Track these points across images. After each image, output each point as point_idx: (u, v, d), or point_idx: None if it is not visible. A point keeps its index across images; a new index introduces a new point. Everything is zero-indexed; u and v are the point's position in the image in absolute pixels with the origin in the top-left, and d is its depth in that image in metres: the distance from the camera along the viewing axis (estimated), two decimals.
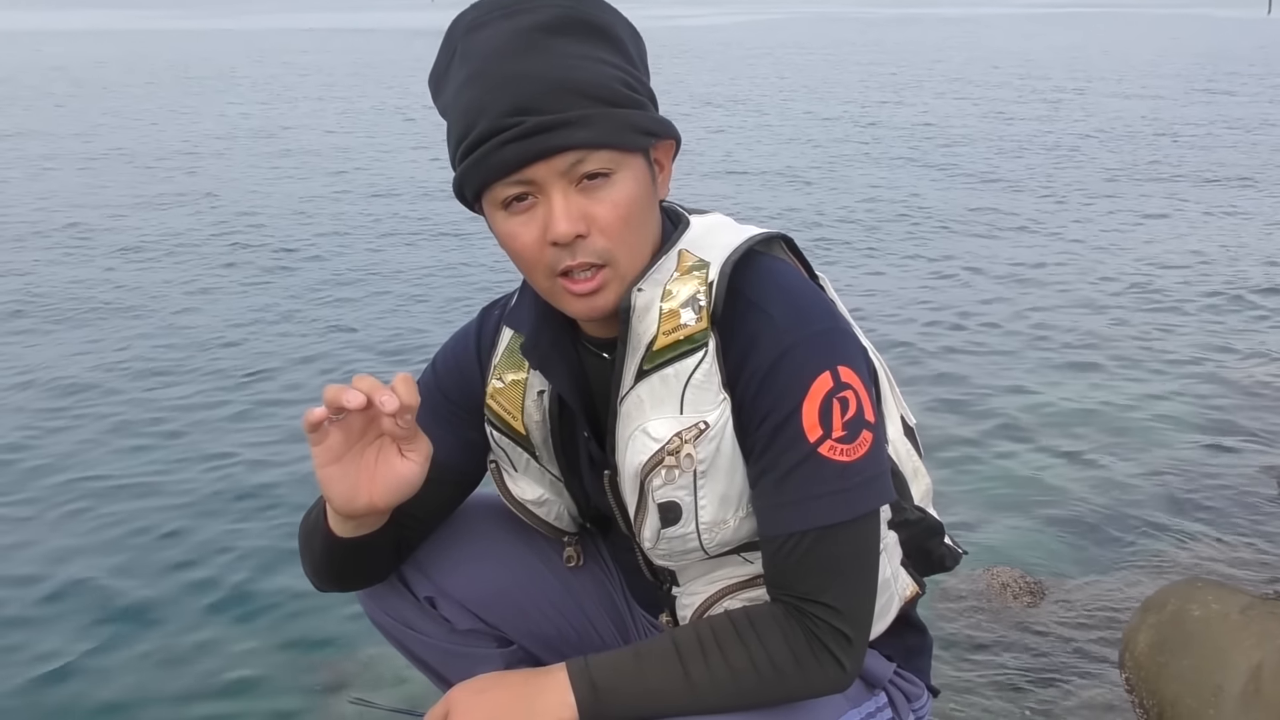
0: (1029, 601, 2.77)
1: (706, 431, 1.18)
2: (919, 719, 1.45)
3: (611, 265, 1.16)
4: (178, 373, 4.76)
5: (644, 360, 1.20)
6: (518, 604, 1.50)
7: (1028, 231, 7.48)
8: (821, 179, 9.61)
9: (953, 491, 3.48)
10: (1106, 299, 5.80)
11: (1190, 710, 2.20)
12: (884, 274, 6.43)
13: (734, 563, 1.30)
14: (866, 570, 1.23)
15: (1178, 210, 8.18)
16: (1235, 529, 3.25)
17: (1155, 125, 12.62)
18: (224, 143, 11.85)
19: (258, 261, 6.77)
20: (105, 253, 7.00)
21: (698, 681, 1.18)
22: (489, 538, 1.49)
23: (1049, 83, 17.63)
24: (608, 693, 1.18)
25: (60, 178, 9.74)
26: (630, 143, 1.14)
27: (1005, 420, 4.15)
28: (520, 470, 1.42)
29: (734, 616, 1.23)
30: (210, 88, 17.73)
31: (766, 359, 1.16)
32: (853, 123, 13.28)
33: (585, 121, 1.10)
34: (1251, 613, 2.29)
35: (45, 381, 4.64)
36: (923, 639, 1.49)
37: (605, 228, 1.14)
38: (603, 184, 1.13)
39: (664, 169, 1.22)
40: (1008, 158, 10.53)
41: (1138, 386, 4.52)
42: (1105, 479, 3.63)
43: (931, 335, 5.21)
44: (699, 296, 1.19)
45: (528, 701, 1.19)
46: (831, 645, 1.18)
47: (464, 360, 1.41)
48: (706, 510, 1.22)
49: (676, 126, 1.22)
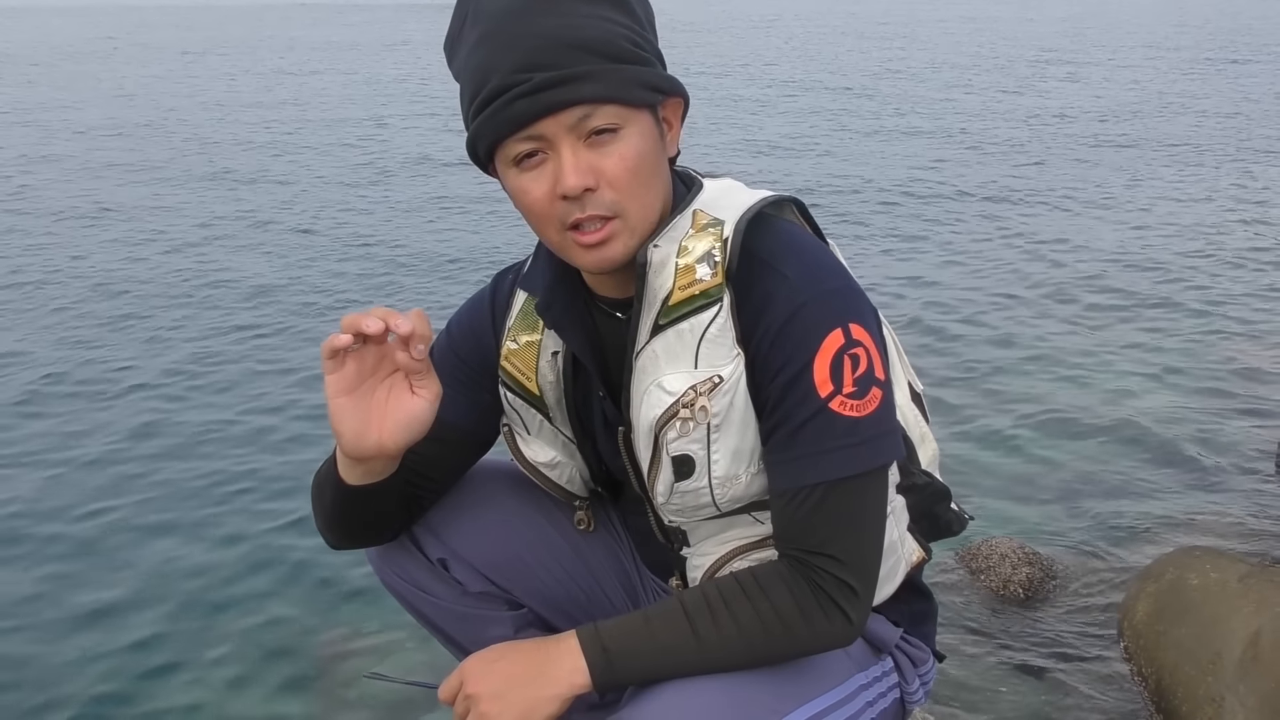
0: (1028, 572, 2.79)
1: (720, 385, 1.20)
2: (924, 684, 1.47)
3: (621, 217, 1.18)
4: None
5: (659, 315, 1.22)
6: (529, 567, 1.51)
7: (1027, 204, 7.49)
8: (817, 149, 9.60)
9: (950, 463, 3.49)
10: (1109, 272, 5.83)
11: (1189, 678, 2.22)
12: (881, 245, 6.44)
13: (745, 522, 1.32)
14: (874, 525, 1.24)
15: (1186, 182, 8.18)
16: (1234, 501, 3.27)
17: (1168, 98, 12.60)
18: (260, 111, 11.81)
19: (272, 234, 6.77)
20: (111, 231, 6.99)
21: (706, 639, 1.20)
22: (501, 501, 1.50)
23: (1055, 54, 17.57)
24: (619, 655, 1.20)
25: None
26: (637, 98, 1.15)
27: (1004, 392, 4.18)
28: (533, 433, 1.43)
29: (739, 575, 1.24)
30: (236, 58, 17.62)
31: (780, 316, 1.18)
32: (854, 95, 13.25)
33: (592, 76, 1.12)
34: (1249, 581, 2.30)
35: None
36: (928, 604, 1.51)
37: (613, 180, 1.16)
38: (610, 139, 1.15)
39: (673, 127, 1.24)
40: (1005, 130, 10.52)
41: (1139, 360, 4.54)
42: (1104, 451, 3.65)
43: (932, 305, 5.24)
44: (714, 252, 1.21)
45: (540, 668, 1.21)
46: (837, 597, 1.20)
47: (478, 323, 1.43)
48: (719, 464, 1.24)
49: (684, 85, 1.23)
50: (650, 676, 1.21)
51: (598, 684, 1.20)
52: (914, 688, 1.44)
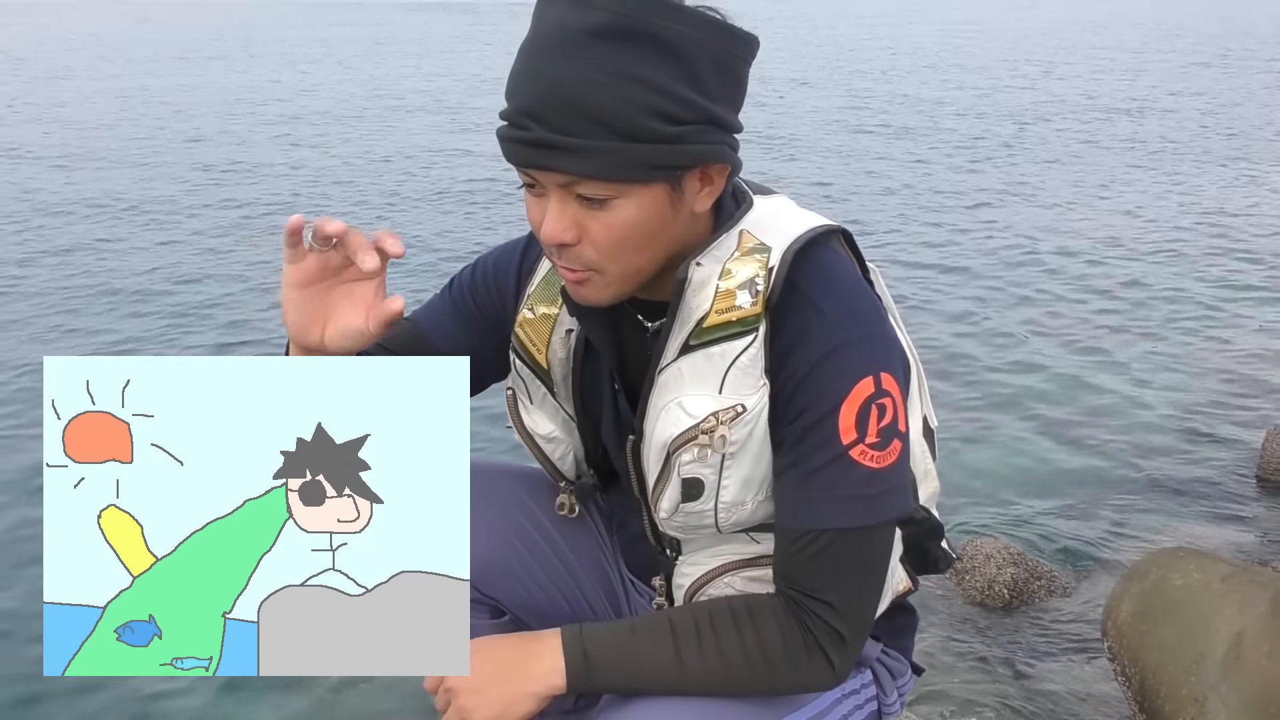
0: (1013, 573, 2.79)
1: (743, 415, 1.17)
2: (901, 696, 1.47)
3: (600, 272, 1.15)
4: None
5: (691, 335, 1.19)
6: (513, 573, 1.49)
7: (1009, 202, 7.51)
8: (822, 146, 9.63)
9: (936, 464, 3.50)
10: (1096, 279, 5.84)
11: (1172, 678, 2.22)
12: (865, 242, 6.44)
13: (741, 540, 1.30)
14: (874, 577, 1.23)
15: (1174, 189, 8.22)
16: (1217, 501, 3.29)
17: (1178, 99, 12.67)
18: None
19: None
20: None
21: (688, 663, 1.19)
22: (485, 505, 1.47)
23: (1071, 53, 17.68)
24: (598, 662, 1.19)
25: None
26: (633, 177, 1.08)
27: (989, 393, 4.19)
28: (536, 404, 1.41)
29: (733, 603, 1.23)
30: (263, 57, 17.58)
31: (813, 355, 1.15)
32: (868, 97, 13.29)
33: (583, 152, 1.06)
34: (1233, 581, 2.31)
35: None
36: (909, 618, 1.51)
37: (595, 242, 1.12)
38: (599, 206, 1.11)
39: (713, 183, 1.16)
40: (1001, 130, 10.56)
41: (1123, 362, 4.56)
42: (1088, 452, 3.67)
43: (922, 309, 5.24)
44: (757, 281, 1.17)
45: (519, 666, 1.20)
46: (825, 643, 1.19)
47: (504, 274, 1.40)
48: (728, 491, 1.22)
49: (730, 152, 1.14)
50: (624, 689, 1.21)
51: (572, 687, 1.19)
52: (891, 700, 1.43)
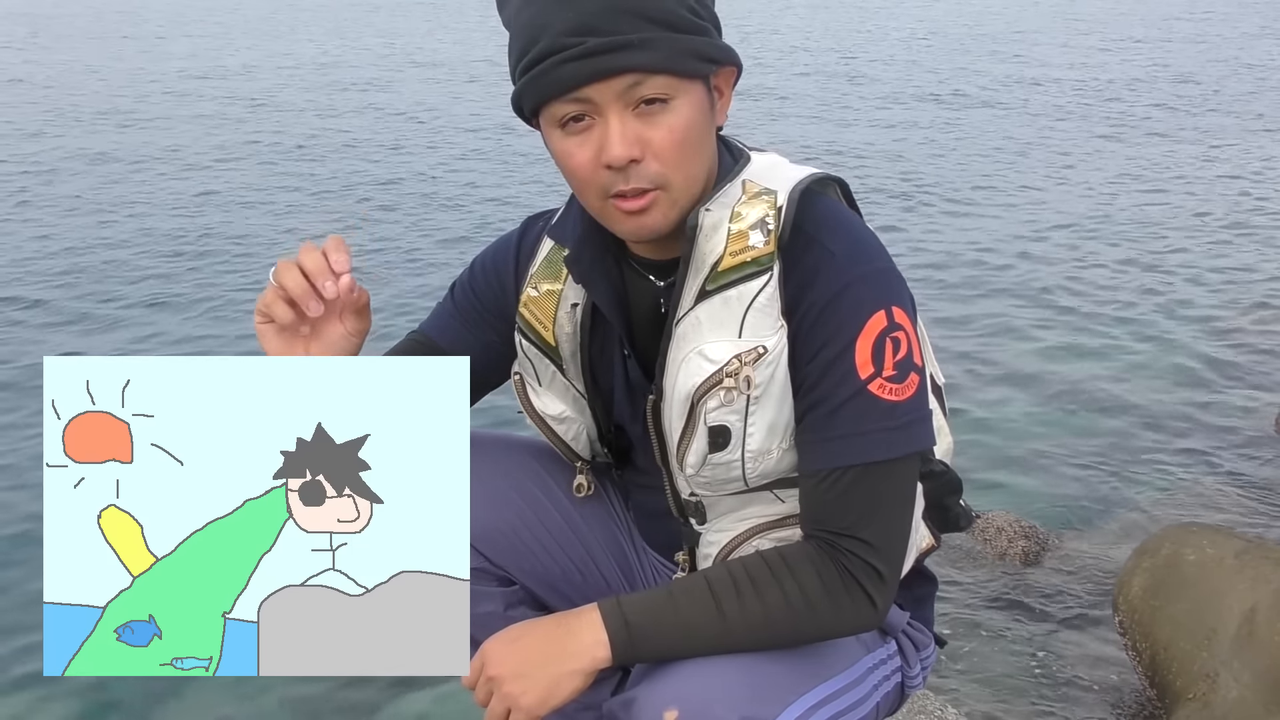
0: (1024, 546, 2.79)
1: (765, 356, 1.18)
2: (924, 668, 1.46)
3: (664, 189, 1.16)
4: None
5: (707, 280, 1.20)
6: (525, 543, 1.48)
7: (1010, 184, 7.45)
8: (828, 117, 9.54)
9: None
10: (1105, 249, 5.79)
11: (1183, 653, 2.22)
12: (882, 216, 6.41)
13: (766, 500, 1.30)
14: (903, 511, 1.23)
15: (1181, 156, 8.12)
16: (1230, 477, 3.27)
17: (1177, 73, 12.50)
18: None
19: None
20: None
21: (731, 617, 1.18)
22: (497, 474, 1.47)
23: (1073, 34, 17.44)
24: (640, 629, 1.18)
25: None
26: (690, 69, 1.12)
27: (1000, 369, 4.16)
28: (545, 385, 1.41)
29: (766, 555, 1.23)
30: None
31: (825, 292, 1.16)
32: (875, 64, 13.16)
33: (646, 44, 1.09)
34: (1245, 557, 2.30)
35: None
36: (930, 587, 1.50)
37: (660, 153, 1.14)
38: (660, 109, 1.12)
39: (724, 95, 1.21)
40: (1009, 106, 10.44)
41: (1135, 335, 4.52)
42: (1100, 426, 3.65)
43: (932, 282, 5.21)
44: (768, 220, 1.19)
45: (561, 644, 1.19)
46: (864, 580, 1.19)
47: (502, 265, 1.41)
48: (754, 437, 1.22)
49: (738, 53, 1.20)
50: (670, 654, 1.19)
51: (618, 657, 1.18)
52: (915, 672, 1.43)
